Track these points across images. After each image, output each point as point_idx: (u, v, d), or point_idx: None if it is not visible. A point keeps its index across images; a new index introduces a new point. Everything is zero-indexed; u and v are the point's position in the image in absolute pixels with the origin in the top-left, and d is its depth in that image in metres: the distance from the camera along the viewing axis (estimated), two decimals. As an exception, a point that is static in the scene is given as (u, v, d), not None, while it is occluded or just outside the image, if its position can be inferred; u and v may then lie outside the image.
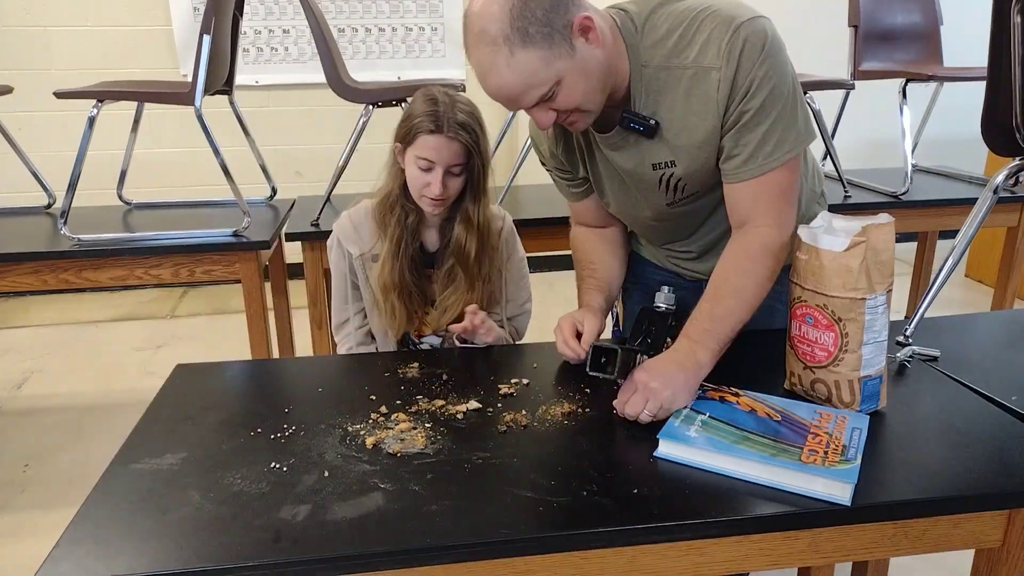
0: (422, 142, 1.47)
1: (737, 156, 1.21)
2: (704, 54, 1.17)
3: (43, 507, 2.30)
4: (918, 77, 2.74)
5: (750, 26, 1.15)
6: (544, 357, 1.40)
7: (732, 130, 1.20)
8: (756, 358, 1.38)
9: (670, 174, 1.29)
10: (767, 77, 1.16)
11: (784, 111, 1.19)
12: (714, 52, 1.16)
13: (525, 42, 1.09)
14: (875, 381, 1.16)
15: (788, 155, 1.20)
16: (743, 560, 0.98)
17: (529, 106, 1.17)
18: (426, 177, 1.48)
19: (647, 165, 1.30)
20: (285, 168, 4.00)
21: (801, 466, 0.98)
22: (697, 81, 1.19)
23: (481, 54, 1.12)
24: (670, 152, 1.27)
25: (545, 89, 1.14)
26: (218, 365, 1.41)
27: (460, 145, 1.47)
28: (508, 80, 1.12)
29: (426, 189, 1.49)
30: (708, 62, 1.17)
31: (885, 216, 1.12)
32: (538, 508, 0.96)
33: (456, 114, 1.46)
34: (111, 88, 2.31)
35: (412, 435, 1.13)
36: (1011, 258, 2.75)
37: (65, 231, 2.22)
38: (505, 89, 1.14)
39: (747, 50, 1.14)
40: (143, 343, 3.53)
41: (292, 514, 0.95)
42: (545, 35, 1.10)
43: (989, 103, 1.60)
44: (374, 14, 4.04)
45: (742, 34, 1.14)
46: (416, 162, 1.48)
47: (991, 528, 1.01)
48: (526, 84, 1.13)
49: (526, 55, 1.10)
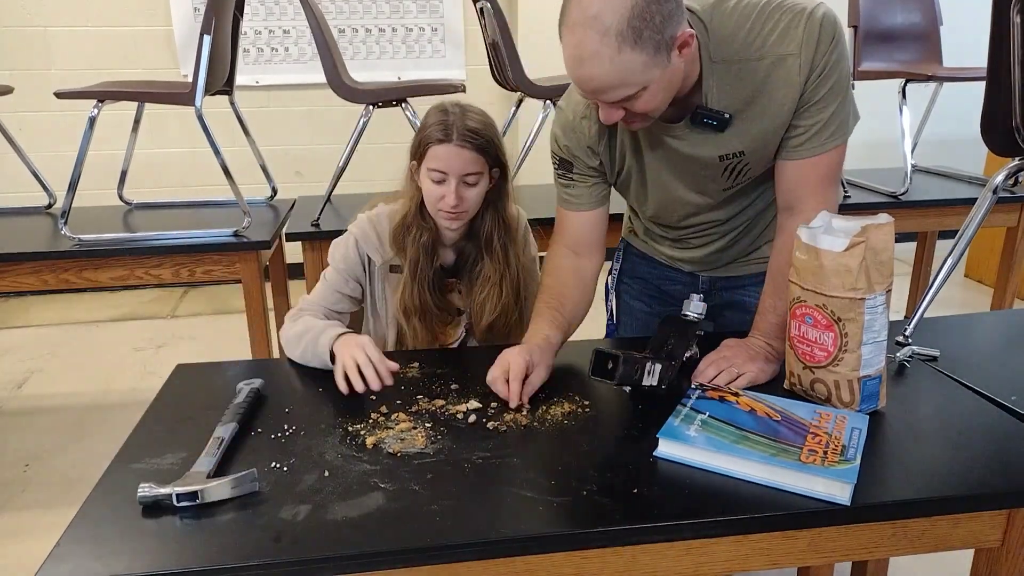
0: (432, 153, 1.43)
1: (802, 135, 1.27)
2: (781, 43, 1.21)
3: (43, 507, 2.30)
4: (918, 77, 2.74)
5: (821, 12, 1.21)
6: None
7: (801, 109, 1.25)
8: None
9: (737, 161, 1.32)
10: (837, 62, 1.22)
11: (846, 96, 1.26)
12: (790, 40, 1.20)
13: (636, 43, 1.08)
14: (875, 381, 1.16)
15: (844, 137, 1.28)
16: (743, 560, 0.98)
17: (610, 102, 1.17)
18: (440, 189, 1.43)
19: (714, 156, 1.32)
20: (285, 168, 4.00)
21: (801, 466, 0.98)
22: (775, 69, 1.22)
23: (587, 38, 1.09)
24: (740, 142, 1.29)
25: (633, 91, 1.14)
26: (218, 365, 1.41)
27: (472, 153, 1.42)
28: (606, 73, 1.11)
29: (441, 202, 1.44)
30: (785, 50, 1.21)
31: (885, 216, 1.12)
32: (538, 508, 0.96)
33: (466, 122, 1.43)
34: (111, 88, 2.31)
35: (412, 435, 1.13)
36: (1010, 258, 2.75)
37: (66, 231, 2.22)
38: (597, 80, 1.13)
39: (823, 35, 1.20)
40: (143, 343, 3.53)
41: (292, 514, 0.95)
42: (655, 42, 1.10)
43: (989, 103, 1.60)
44: (374, 14, 4.04)
45: (816, 19, 1.20)
46: (429, 175, 1.44)
47: (990, 528, 1.01)
48: (620, 82, 1.13)
49: (632, 56, 1.09)
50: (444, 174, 1.43)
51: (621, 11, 1.07)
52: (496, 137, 1.47)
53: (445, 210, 1.44)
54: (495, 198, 1.52)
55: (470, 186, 1.45)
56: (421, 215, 1.51)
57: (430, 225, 1.51)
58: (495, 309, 1.53)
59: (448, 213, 1.45)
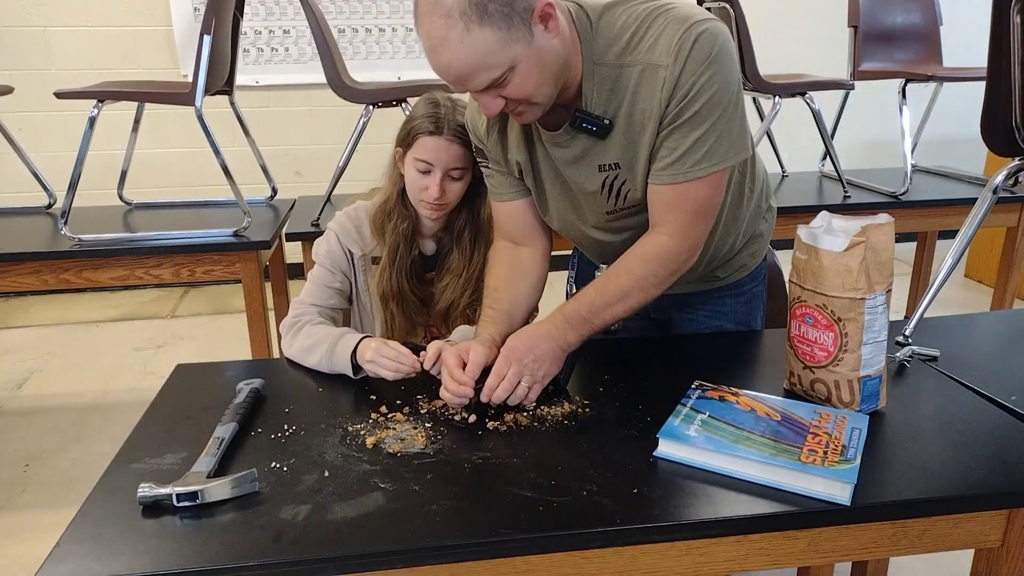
0: (421, 144, 1.45)
1: (664, 158, 1.20)
2: (654, 51, 1.15)
3: (43, 507, 2.30)
4: (918, 77, 2.74)
5: (703, 28, 1.13)
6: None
7: (665, 131, 1.18)
8: (756, 358, 1.38)
9: (614, 176, 1.26)
10: (709, 83, 1.14)
11: (720, 121, 1.16)
12: (664, 49, 1.14)
13: (483, 19, 1.04)
14: (874, 381, 1.16)
15: (713, 168, 1.19)
16: (743, 560, 0.98)
17: (478, 89, 1.12)
18: (424, 180, 1.46)
19: (593, 166, 1.26)
20: (285, 168, 4.00)
21: (801, 466, 0.98)
22: (645, 78, 1.16)
23: (433, 25, 1.06)
24: (616, 153, 1.24)
25: (498, 73, 1.09)
26: (218, 365, 1.41)
27: (460, 148, 1.44)
28: (460, 57, 1.07)
29: (424, 193, 1.46)
30: (657, 59, 1.15)
31: (885, 216, 1.12)
32: (538, 508, 0.96)
33: (457, 116, 1.44)
34: (111, 88, 2.31)
35: (412, 435, 1.13)
36: (1010, 258, 2.75)
37: (66, 231, 2.22)
38: (455, 67, 1.08)
39: (695, 52, 1.12)
40: (143, 343, 3.53)
41: (292, 514, 0.95)
42: (504, 15, 1.05)
43: (989, 103, 1.60)
44: (374, 14, 4.04)
45: (693, 34, 1.12)
46: (415, 164, 1.46)
47: (990, 528, 1.01)
48: (479, 64, 1.08)
49: (482, 33, 1.05)
50: (430, 165, 1.45)
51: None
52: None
53: (428, 201, 1.47)
54: (473, 195, 1.54)
55: (454, 180, 1.47)
56: (403, 203, 1.54)
57: (411, 213, 1.54)
58: (450, 298, 1.56)
59: (430, 204, 1.47)
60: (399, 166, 1.52)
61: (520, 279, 1.42)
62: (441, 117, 1.43)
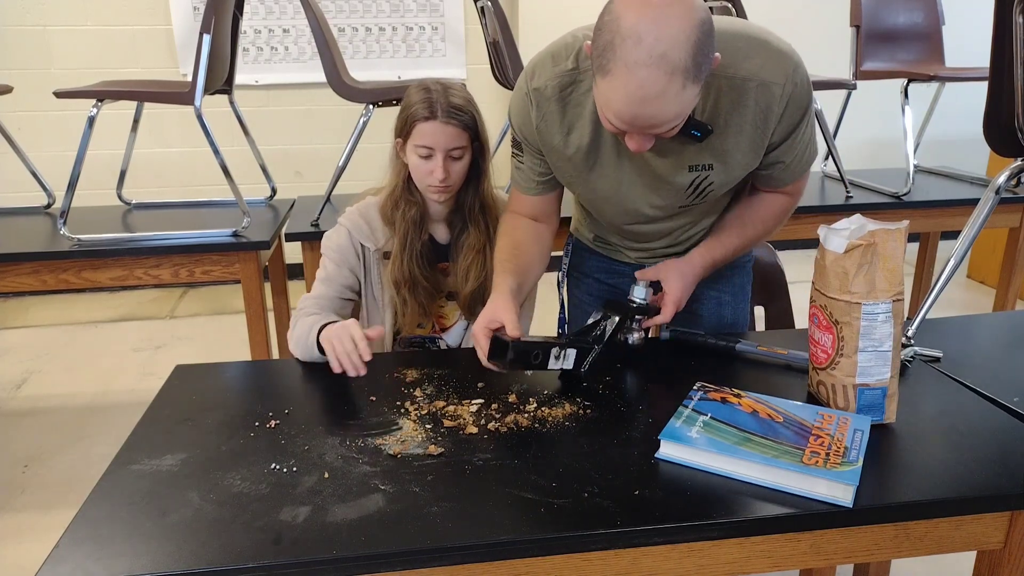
0: (419, 130, 1.48)
1: (781, 164, 1.36)
2: (767, 71, 1.23)
3: (43, 508, 2.30)
4: (920, 77, 2.74)
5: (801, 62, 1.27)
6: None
7: (780, 146, 1.32)
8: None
9: (704, 176, 1.33)
10: (811, 107, 1.31)
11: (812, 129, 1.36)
12: (779, 71, 1.24)
13: (696, 78, 1.06)
14: (875, 392, 1.13)
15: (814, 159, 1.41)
16: (745, 562, 0.97)
17: (659, 134, 1.13)
18: (428, 165, 1.49)
19: (684, 166, 1.31)
20: (285, 168, 4.00)
21: (803, 468, 0.98)
22: (761, 93, 1.24)
23: (653, 78, 1.04)
24: (712, 156, 1.30)
25: (681, 122, 1.12)
26: (218, 366, 1.41)
27: (457, 128, 1.48)
28: (670, 111, 1.08)
29: (430, 177, 1.50)
30: (772, 78, 1.23)
31: (902, 222, 1.09)
32: (539, 510, 0.95)
33: (449, 99, 1.48)
34: (111, 88, 2.30)
35: (413, 436, 1.12)
36: (1013, 259, 2.75)
37: (65, 231, 2.22)
38: (659, 117, 1.09)
39: (805, 83, 1.26)
40: (143, 343, 3.53)
41: (292, 515, 0.94)
42: (705, 73, 1.08)
43: (991, 103, 1.60)
44: (374, 14, 4.04)
45: (801, 69, 1.26)
46: (416, 151, 1.50)
47: (993, 530, 1.01)
48: (680, 116, 1.10)
49: (693, 90, 1.07)
50: (431, 150, 1.48)
51: (686, 47, 1.03)
52: (477, 113, 1.52)
53: (434, 185, 1.50)
54: (475, 175, 1.57)
55: (456, 160, 1.51)
56: (409, 190, 1.57)
57: (418, 200, 1.57)
58: (479, 276, 1.58)
59: (436, 187, 1.51)
60: (401, 156, 1.55)
61: (538, 246, 1.48)
62: (434, 101, 1.47)
